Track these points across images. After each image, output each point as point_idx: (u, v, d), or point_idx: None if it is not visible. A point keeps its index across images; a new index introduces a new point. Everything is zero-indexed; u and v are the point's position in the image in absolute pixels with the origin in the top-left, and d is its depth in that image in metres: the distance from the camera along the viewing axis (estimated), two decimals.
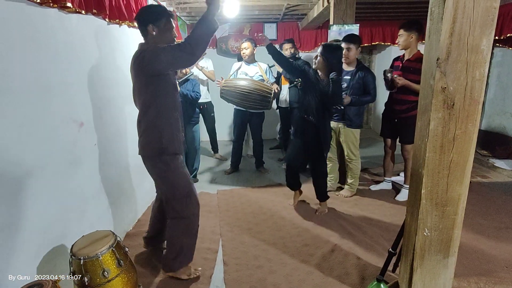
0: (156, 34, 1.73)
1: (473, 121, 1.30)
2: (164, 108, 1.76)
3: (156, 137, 1.76)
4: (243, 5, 3.76)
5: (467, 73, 1.25)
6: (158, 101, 1.74)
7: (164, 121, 1.77)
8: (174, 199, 1.85)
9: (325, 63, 2.44)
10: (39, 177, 1.50)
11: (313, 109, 2.51)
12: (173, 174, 1.83)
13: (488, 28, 1.20)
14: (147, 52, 1.65)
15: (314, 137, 2.57)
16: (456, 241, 1.47)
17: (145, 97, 1.74)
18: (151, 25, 1.71)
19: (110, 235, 1.57)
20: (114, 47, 2.33)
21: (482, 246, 2.24)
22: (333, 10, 3.19)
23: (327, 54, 2.41)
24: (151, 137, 1.78)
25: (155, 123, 1.76)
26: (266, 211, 2.87)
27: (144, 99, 1.75)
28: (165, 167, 1.81)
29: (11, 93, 1.35)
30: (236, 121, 3.78)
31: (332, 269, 2.02)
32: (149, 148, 1.80)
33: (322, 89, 2.46)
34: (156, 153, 1.78)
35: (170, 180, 1.84)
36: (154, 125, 1.76)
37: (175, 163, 1.83)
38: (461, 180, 1.37)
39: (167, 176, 1.83)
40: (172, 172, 1.83)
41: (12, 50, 1.35)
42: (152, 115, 1.75)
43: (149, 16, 1.72)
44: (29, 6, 1.45)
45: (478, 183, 3.42)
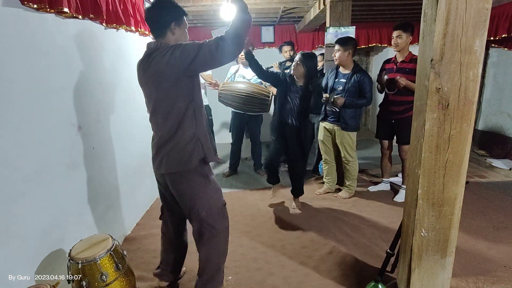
0: (177, 35, 1.53)
1: (468, 121, 1.32)
2: (199, 112, 1.56)
3: (196, 146, 1.54)
4: None
5: (461, 74, 1.26)
6: (193, 105, 1.52)
7: (201, 128, 1.56)
8: (210, 215, 1.63)
9: (303, 70, 2.58)
10: (37, 180, 1.50)
11: (294, 113, 2.64)
12: (211, 187, 1.64)
13: (480, 29, 1.22)
14: (177, 49, 1.43)
15: (295, 139, 2.68)
16: (453, 241, 1.47)
17: (176, 102, 1.49)
18: (173, 24, 1.51)
19: (108, 239, 1.57)
20: (112, 52, 2.34)
21: (480, 246, 2.25)
22: (329, 13, 3.21)
23: (306, 61, 2.57)
24: (189, 148, 1.52)
25: (193, 131, 1.53)
26: (265, 214, 2.87)
27: (173, 104, 1.49)
28: (204, 180, 1.60)
29: (9, 97, 1.35)
30: (234, 124, 3.79)
31: (331, 270, 2.02)
32: (187, 161, 1.53)
33: (302, 94, 2.61)
34: (196, 165, 1.54)
35: (208, 194, 1.62)
36: (193, 133, 1.53)
37: (211, 173, 1.65)
38: (457, 180, 1.38)
39: (206, 191, 1.61)
40: (211, 184, 1.63)
41: (9, 55, 1.36)
42: (188, 122, 1.51)
43: (172, 13, 1.51)
44: (27, 11, 1.46)
45: (476, 183, 3.43)
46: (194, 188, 1.59)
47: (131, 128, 2.61)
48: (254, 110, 3.45)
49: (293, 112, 2.64)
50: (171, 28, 1.51)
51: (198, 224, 1.64)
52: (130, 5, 2.46)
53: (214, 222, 1.65)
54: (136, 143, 2.68)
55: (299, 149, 2.72)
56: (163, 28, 1.51)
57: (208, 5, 3.63)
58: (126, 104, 2.52)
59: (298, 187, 2.93)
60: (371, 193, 3.26)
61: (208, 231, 1.65)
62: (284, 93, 2.67)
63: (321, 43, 5.16)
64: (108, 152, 2.23)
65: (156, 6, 1.52)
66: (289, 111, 2.65)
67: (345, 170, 3.13)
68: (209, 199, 1.63)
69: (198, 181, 1.58)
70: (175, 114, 1.50)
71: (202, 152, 1.55)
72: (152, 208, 2.99)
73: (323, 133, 3.12)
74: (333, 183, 3.28)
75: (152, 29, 1.55)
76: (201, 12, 4.12)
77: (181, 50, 1.43)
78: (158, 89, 1.49)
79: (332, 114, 2.98)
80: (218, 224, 1.67)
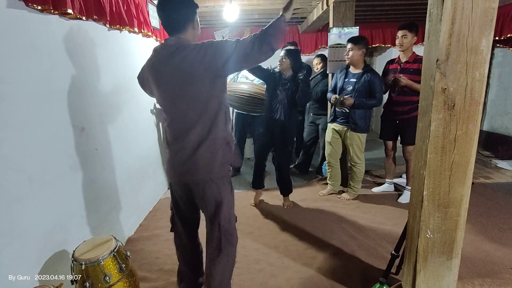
0: (197, 29, 1.46)
1: (474, 121, 1.30)
2: (228, 115, 1.48)
3: (227, 151, 1.46)
4: (243, 9, 3.78)
5: (467, 74, 1.25)
6: (224, 108, 1.44)
7: (230, 131, 1.49)
8: (230, 226, 1.53)
9: (289, 61, 2.72)
10: (40, 182, 1.50)
11: (282, 105, 2.75)
12: (233, 195, 1.56)
13: (487, 28, 1.20)
14: (210, 48, 1.34)
15: (281, 134, 2.80)
16: (459, 242, 1.45)
17: (208, 104, 1.39)
18: (195, 18, 1.43)
19: (111, 240, 1.57)
20: (115, 53, 2.34)
21: (486, 248, 2.22)
22: (333, 13, 3.19)
23: (289, 55, 2.73)
24: (221, 153, 1.44)
25: (224, 134, 1.44)
26: (267, 215, 2.86)
27: (206, 106, 1.38)
28: (230, 187, 1.52)
29: (13, 99, 1.35)
30: (237, 125, 3.79)
31: (335, 272, 2.01)
32: (220, 167, 1.45)
33: (289, 84, 2.73)
34: (226, 171, 1.47)
35: (231, 203, 1.53)
36: (224, 137, 1.44)
37: (231, 180, 1.58)
38: (463, 181, 1.37)
39: (231, 200, 1.52)
40: (233, 192, 1.55)
41: (14, 56, 1.36)
42: (220, 125, 1.42)
43: (190, 9, 1.41)
44: (30, 13, 1.47)
45: (481, 184, 3.40)
46: (222, 197, 1.48)
47: (134, 130, 2.62)
48: (256, 110, 3.44)
49: (281, 104, 2.75)
50: (194, 22, 1.42)
51: (218, 235, 1.50)
52: (134, 6, 2.46)
53: (231, 235, 1.54)
54: (139, 144, 2.69)
55: (285, 144, 2.84)
56: (185, 22, 1.39)
57: (211, 6, 3.64)
58: (129, 106, 2.52)
59: (286, 184, 2.98)
60: (375, 194, 3.24)
61: (227, 243, 1.52)
62: (273, 87, 2.78)
63: (324, 43, 5.14)
64: (111, 153, 2.23)
65: (173, 0, 1.37)
66: (278, 103, 2.76)
67: (351, 171, 3.11)
68: (231, 208, 1.54)
69: (226, 189, 1.49)
70: (207, 117, 1.38)
71: (231, 157, 1.48)
72: (155, 209, 2.99)
73: (331, 134, 3.08)
74: (336, 185, 3.26)
75: (171, 24, 1.40)
76: (204, 14, 4.13)
77: (215, 49, 1.33)
78: (187, 90, 1.36)
79: (342, 115, 2.95)
80: (235, 236, 1.57)
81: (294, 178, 3.80)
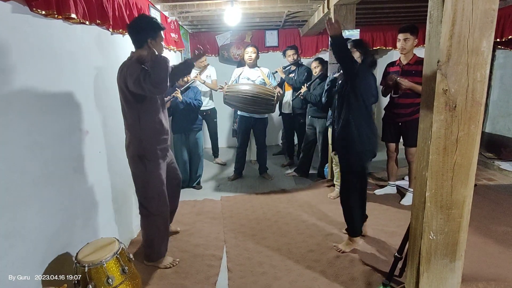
0: (153, 46, 1.87)
1: (476, 122, 1.30)
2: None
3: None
4: (245, 13, 3.81)
5: (468, 75, 1.25)
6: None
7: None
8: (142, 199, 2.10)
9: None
10: (44, 184, 1.51)
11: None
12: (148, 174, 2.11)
13: (487, 30, 1.21)
14: (125, 67, 1.83)
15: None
16: (462, 244, 1.45)
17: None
18: (150, 39, 1.84)
19: (114, 242, 1.58)
20: (118, 56, 2.36)
21: (490, 250, 2.21)
22: (334, 16, 3.21)
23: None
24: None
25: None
26: (270, 217, 2.86)
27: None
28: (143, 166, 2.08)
29: (18, 102, 1.37)
30: (240, 127, 3.79)
31: (338, 275, 2.00)
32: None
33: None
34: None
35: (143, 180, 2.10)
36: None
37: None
38: (466, 182, 1.37)
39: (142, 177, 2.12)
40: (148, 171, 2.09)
41: (19, 61, 1.38)
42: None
43: (149, 30, 1.84)
44: (35, 18, 1.49)
45: (484, 186, 3.38)
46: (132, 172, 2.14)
47: None
48: (259, 110, 3.44)
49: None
50: (148, 43, 1.84)
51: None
52: (136, 11, 2.49)
53: (144, 206, 2.12)
54: None
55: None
56: (141, 41, 1.84)
57: (212, 10, 3.66)
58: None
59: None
60: (378, 196, 3.22)
61: (141, 212, 2.12)
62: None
63: (325, 46, 5.16)
64: (115, 156, 2.24)
65: (134, 24, 1.86)
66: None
67: None
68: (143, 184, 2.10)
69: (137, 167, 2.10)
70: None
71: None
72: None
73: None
74: None
75: (132, 41, 1.88)
76: (205, 17, 4.16)
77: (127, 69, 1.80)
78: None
79: None
80: (147, 209, 2.09)
81: (295, 181, 3.81)
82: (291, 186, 3.68)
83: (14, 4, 1.36)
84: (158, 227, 2.07)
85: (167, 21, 3.63)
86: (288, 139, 4.44)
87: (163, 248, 2.13)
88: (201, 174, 3.68)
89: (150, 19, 1.91)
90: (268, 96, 3.31)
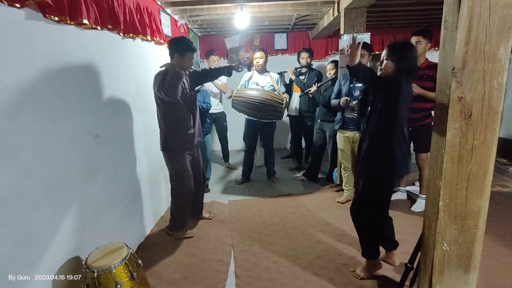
0: (179, 62, 2.28)
1: (492, 131, 1.26)
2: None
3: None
4: (254, 16, 3.80)
5: (484, 82, 1.22)
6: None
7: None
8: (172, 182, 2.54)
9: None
10: (55, 189, 1.53)
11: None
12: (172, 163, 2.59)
13: (505, 36, 1.17)
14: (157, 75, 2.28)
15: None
16: (477, 255, 1.41)
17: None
18: (176, 54, 2.27)
19: (123, 248, 1.58)
20: (128, 61, 2.38)
21: (505, 260, 2.15)
22: (344, 20, 3.18)
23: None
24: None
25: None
26: (278, 222, 2.84)
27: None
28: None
29: (29, 107, 1.39)
30: (247, 131, 3.78)
31: (346, 283, 1.97)
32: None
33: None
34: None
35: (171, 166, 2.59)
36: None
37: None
38: (481, 192, 1.33)
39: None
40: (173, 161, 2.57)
41: (31, 67, 1.40)
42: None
43: (178, 47, 2.26)
44: (48, 24, 1.51)
45: (498, 193, 3.30)
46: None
47: (146, 136, 2.64)
48: (267, 117, 3.43)
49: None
50: (174, 56, 2.29)
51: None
52: (147, 15, 2.51)
53: (172, 187, 2.55)
54: (151, 150, 2.71)
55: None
56: (170, 55, 2.32)
57: (222, 14, 3.67)
58: (141, 113, 2.55)
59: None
60: None
61: (172, 192, 2.58)
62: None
63: (335, 49, 5.12)
64: (124, 160, 2.26)
65: (171, 40, 2.35)
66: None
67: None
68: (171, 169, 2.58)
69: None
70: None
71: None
72: (166, 215, 3.00)
73: (342, 142, 3.07)
74: (352, 191, 3.21)
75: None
76: (214, 21, 4.17)
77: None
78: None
79: (352, 121, 2.93)
80: (175, 190, 2.53)
81: (304, 186, 3.78)
82: (299, 190, 3.65)
83: (28, 10, 1.38)
84: (177, 204, 2.49)
85: (177, 24, 3.65)
86: (295, 142, 4.42)
87: (180, 222, 2.54)
88: (209, 177, 3.68)
89: (184, 39, 2.31)
90: (276, 103, 3.29)
